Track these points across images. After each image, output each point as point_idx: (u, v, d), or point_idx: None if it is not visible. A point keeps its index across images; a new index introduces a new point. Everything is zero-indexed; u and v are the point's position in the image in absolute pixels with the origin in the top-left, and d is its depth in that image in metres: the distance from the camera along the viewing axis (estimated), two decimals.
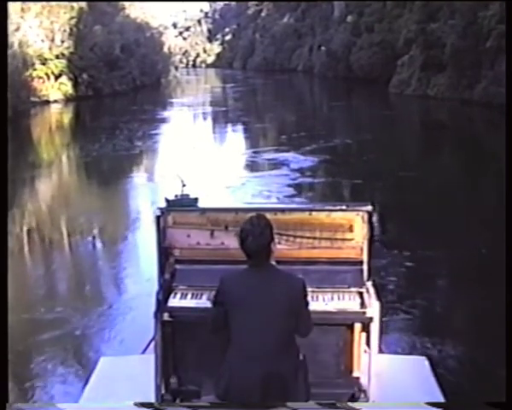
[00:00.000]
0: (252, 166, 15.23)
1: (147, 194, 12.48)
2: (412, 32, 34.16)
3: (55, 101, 36.21)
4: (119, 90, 42.44)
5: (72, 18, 39.36)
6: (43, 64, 36.76)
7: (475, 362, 5.20)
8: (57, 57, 38.07)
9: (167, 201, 3.82)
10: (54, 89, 37.12)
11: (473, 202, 10.84)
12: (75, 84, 38.82)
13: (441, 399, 3.33)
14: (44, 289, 7.38)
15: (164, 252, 3.65)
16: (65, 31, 38.95)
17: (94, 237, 9.51)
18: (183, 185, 3.89)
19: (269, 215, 3.09)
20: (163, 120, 26.93)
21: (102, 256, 8.88)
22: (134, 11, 54.20)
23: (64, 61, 38.24)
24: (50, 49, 38.10)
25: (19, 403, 3.89)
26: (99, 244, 9.37)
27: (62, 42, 39.08)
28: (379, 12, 45.14)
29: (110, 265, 8.32)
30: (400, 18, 39.87)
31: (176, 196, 3.86)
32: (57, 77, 37.51)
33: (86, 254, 8.88)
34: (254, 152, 17.17)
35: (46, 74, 36.65)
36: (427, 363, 3.80)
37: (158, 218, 3.65)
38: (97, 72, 40.48)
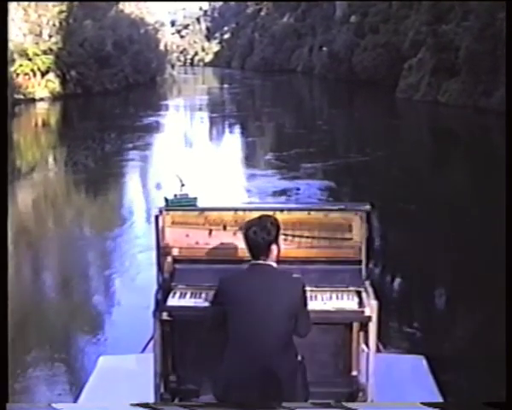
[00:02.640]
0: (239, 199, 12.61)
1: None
2: (421, 34, 33.64)
3: (42, 99, 35.95)
4: (110, 89, 42.14)
5: (61, 12, 39.16)
6: (30, 60, 36.62)
7: None
8: (45, 53, 37.77)
9: (166, 200, 4.01)
10: (40, 86, 36.88)
11: None
12: (63, 82, 38.58)
13: (439, 398, 3.51)
14: None
15: (162, 251, 3.80)
16: (54, 25, 38.80)
17: None
18: (182, 185, 4.07)
19: None
20: (149, 129, 24.62)
21: None
22: (128, 7, 53.92)
23: (51, 57, 37.97)
24: (37, 44, 37.95)
25: (19, 403, 4.06)
26: None
27: (50, 36, 38.92)
28: (384, 12, 45.25)
29: None
30: (407, 19, 39.86)
31: (175, 195, 4.05)
32: (44, 73, 37.23)
33: None
34: (248, 176, 15.31)
35: (32, 71, 36.42)
36: (424, 362, 3.97)
37: (157, 217, 3.81)
38: (87, 69, 40.19)
